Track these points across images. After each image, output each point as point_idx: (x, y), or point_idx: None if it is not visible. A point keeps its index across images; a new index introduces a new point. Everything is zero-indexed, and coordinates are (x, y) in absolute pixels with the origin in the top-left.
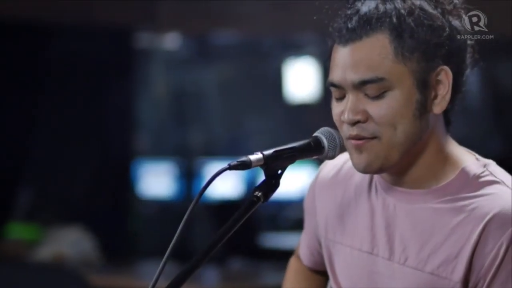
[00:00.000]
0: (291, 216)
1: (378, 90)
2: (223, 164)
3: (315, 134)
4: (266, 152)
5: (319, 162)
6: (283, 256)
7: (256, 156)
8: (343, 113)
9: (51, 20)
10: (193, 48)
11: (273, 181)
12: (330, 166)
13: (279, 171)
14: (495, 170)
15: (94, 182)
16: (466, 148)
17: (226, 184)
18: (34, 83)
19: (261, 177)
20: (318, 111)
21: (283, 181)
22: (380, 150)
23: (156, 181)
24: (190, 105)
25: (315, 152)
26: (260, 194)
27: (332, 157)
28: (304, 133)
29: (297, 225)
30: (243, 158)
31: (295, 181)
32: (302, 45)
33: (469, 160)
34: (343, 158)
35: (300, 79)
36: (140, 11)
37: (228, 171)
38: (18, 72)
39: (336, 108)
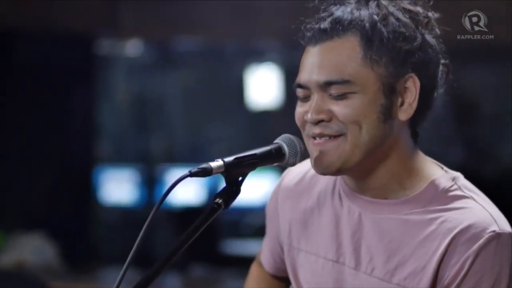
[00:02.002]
0: (253, 222)
1: (343, 91)
2: (185, 171)
3: (276, 141)
4: (227, 159)
5: (282, 169)
6: (245, 263)
7: (217, 163)
8: (306, 113)
9: (12, 26)
10: (155, 54)
11: (234, 188)
12: (293, 174)
13: (240, 178)
14: (464, 183)
15: (55, 189)
16: (433, 160)
17: (187, 191)
18: None
19: (223, 183)
20: (280, 118)
21: (245, 187)
22: (343, 149)
23: (118, 187)
24: (152, 112)
25: (276, 159)
26: (221, 201)
27: (293, 164)
28: (266, 140)
29: (259, 232)
30: (204, 165)
31: (257, 187)
32: (264, 52)
33: (438, 172)
34: (307, 166)
35: (262, 86)
36: (102, 17)
37: (189, 178)
38: None
39: (300, 107)
